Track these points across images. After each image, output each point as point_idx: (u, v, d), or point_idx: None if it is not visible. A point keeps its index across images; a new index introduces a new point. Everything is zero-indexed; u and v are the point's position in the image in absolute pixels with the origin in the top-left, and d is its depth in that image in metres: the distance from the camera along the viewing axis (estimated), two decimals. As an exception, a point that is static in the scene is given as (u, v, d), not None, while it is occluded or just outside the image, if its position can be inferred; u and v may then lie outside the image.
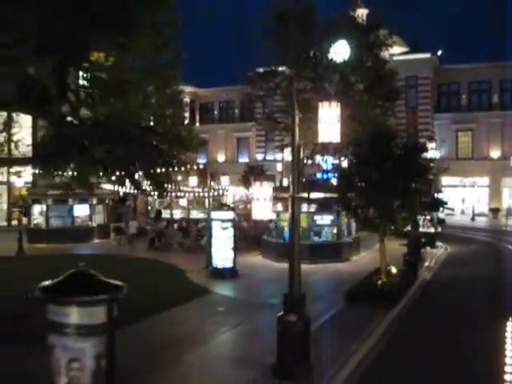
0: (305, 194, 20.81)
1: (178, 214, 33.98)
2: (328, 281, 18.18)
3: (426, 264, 21.41)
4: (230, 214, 18.29)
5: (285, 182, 27.13)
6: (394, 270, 17.10)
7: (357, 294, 14.83)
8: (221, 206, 20.94)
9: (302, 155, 21.03)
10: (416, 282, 17.95)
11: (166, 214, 33.75)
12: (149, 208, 36.56)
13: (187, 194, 31.96)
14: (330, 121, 9.64)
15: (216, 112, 60.00)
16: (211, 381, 9.33)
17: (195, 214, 33.42)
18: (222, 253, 18.13)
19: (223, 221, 18.02)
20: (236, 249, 18.56)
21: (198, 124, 57.18)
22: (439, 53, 48.21)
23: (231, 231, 18.09)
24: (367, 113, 22.41)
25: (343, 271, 19.61)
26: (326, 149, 14.34)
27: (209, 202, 30.36)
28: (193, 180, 34.22)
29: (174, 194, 31.02)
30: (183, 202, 34.46)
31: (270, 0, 22.80)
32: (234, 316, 13.41)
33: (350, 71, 23.24)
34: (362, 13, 48.63)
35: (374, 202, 16.10)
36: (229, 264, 18.18)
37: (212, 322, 12.84)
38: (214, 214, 18.39)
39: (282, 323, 9.64)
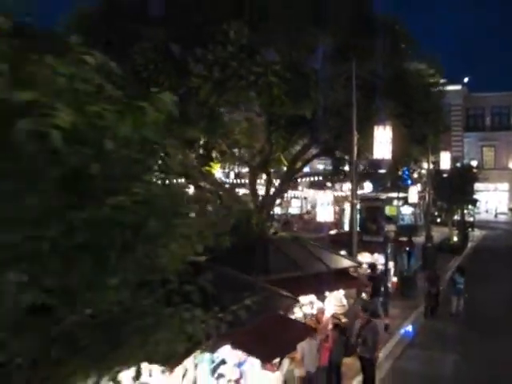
0: (395, 194, 33.41)
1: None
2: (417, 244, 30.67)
3: (471, 238, 33.75)
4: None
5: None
6: (455, 238, 29.62)
7: (439, 247, 27.31)
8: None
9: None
10: (468, 246, 30.47)
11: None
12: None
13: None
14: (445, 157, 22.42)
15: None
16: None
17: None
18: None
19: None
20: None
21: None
22: (466, 79, 59.05)
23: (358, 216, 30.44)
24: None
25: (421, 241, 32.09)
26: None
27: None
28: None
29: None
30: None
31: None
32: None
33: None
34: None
35: (445, 198, 28.70)
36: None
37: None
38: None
39: (425, 247, 22.37)
